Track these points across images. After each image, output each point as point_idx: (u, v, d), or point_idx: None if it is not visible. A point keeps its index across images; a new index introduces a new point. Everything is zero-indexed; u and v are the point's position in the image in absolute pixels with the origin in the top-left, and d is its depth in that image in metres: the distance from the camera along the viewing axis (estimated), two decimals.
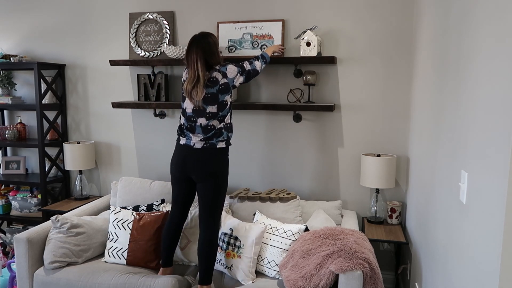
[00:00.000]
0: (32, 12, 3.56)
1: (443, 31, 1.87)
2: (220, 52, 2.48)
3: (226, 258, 2.48)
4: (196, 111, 2.36)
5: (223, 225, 2.60)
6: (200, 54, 2.33)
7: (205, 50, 2.35)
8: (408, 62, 2.84)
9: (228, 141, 2.42)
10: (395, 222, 2.84)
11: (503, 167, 1.07)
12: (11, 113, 3.79)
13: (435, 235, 1.88)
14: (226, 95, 2.37)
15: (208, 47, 2.36)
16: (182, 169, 2.39)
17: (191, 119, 2.37)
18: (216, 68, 2.39)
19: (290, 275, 2.17)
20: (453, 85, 1.65)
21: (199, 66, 2.32)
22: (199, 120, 2.35)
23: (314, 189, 3.10)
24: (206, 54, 2.35)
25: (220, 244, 2.54)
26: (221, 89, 2.35)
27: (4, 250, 3.52)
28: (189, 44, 2.39)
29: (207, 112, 2.34)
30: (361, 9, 2.86)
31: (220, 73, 2.37)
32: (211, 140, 2.35)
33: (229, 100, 2.40)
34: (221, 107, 2.36)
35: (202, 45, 2.35)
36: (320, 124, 3.03)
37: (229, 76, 2.39)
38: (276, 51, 2.82)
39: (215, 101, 2.34)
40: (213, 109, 2.34)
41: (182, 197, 2.47)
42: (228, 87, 2.38)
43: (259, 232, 2.46)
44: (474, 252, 1.30)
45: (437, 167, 1.90)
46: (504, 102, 1.08)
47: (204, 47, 2.35)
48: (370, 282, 2.06)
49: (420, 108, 2.42)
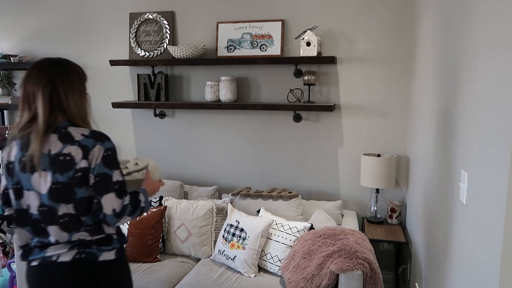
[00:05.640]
0: (32, 12, 3.56)
1: (443, 31, 1.87)
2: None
3: (230, 249, 2.49)
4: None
5: (229, 217, 2.62)
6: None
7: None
8: (408, 61, 2.84)
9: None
10: (395, 222, 2.84)
11: (503, 167, 1.07)
12: (11, 113, 3.79)
13: (435, 235, 1.88)
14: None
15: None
16: None
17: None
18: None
19: (292, 277, 2.18)
20: (453, 84, 1.65)
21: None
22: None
23: (314, 189, 3.10)
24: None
25: (225, 235, 2.56)
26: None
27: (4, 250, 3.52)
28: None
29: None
30: (361, 9, 2.86)
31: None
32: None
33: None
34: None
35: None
36: (320, 124, 3.03)
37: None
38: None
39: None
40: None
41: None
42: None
43: (266, 225, 2.48)
44: (474, 252, 1.30)
45: (437, 167, 1.90)
46: (504, 102, 1.08)
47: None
48: (370, 282, 2.06)
49: (420, 108, 2.42)
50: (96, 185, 1.39)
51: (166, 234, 2.75)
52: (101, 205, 1.40)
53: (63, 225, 1.41)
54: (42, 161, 1.38)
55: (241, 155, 3.21)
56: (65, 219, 1.40)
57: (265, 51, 3.00)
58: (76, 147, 1.38)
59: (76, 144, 1.39)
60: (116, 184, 1.42)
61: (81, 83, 1.51)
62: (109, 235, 1.48)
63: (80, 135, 1.41)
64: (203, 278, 2.36)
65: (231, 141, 3.22)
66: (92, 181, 1.39)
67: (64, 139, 1.39)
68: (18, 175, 1.42)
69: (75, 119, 1.46)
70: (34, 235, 1.45)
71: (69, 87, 1.45)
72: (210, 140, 3.26)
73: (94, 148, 1.40)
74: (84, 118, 1.49)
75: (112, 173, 1.41)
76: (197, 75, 3.22)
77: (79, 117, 1.47)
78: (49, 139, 1.39)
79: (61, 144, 1.38)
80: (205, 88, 3.07)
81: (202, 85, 3.21)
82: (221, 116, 3.21)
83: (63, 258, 1.41)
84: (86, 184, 1.40)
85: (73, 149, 1.38)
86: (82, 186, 1.40)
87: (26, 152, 1.39)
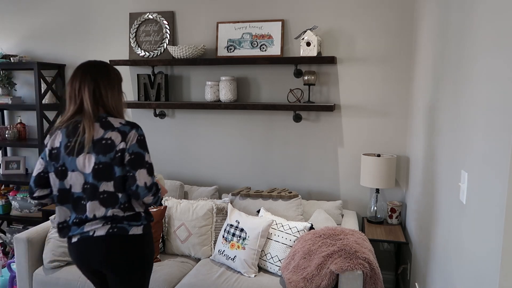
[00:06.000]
0: (32, 12, 3.56)
1: (443, 31, 1.87)
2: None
3: (230, 249, 2.49)
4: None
5: (229, 217, 2.62)
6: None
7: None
8: (408, 61, 2.84)
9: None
10: (395, 222, 2.84)
11: (503, 167, 1.06)
12: (11, 113, 3.79)
13: (435, 235, 1.88)
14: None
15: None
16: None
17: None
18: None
19: (292, 277, 2.18)
20: (453, 84, 1.65)
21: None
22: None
23: (314, 189, 3.10)
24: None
25: (225, 235, 2.56)
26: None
27: (4, 250, 3.52)
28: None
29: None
30: (361, 9, 2.86)
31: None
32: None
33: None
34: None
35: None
36: (320, 124, 3.03)
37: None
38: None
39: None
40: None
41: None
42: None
43: (266, 225, 2.48)
44: (474, 252, 1.30)
45: (437, 167, 1.90)
46: (504, 102, 1.08)
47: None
48: (370, 282, 2.06)
49: (420, 108, 2.42)
50: (131, 162, 1.64)
51: (166, 234, 2.75)
52: (135, 178, 1.63)
53: (102, 200, 1.64)
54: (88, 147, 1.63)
55: (241, 155, 3.21)
56: (104, 196, 1.64)
57: (265, 51, 3.00)
58: (116, 132, 1.64)
59: (115, 130, 1.64)
60: (147, 164, 1.67)
61: (118, 83, 1.76)
62: (138, 213, 1.71)
63: (118, 123, 1.67)
64: (203, 278, 2.36)
65: (231, 141, 3.22)
66: (128, 158, 1.63)
67: (105, 127, 1.65)
68: (63, 159, 1.66)
69: (113, 112, 1.71)
70: (73, 212, 1.68)
71: (109, 85, 1.70)
72: (210, 140, 3.26)
73: (130, 133, 1.65)
74: (120, 112, 1.74)
75: (144, 153, 1.67)
76: (197, 75, 3.22)
77: (116, 110, 1.71)
78: (93, 126, 1.64)
79: (103, 131, 1.64)
80: (205, 88, 3.07)
81: (202, 85, 3.21)
82: (221, 116, 3.21)
83: (99, 233, 1.64)
84: (123, 164, 1.64)
85: (113, 134, 1.63)
86: (121, 166, 1.64)
87: (71, 138, 1.65)
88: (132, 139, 1.65)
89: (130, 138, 1.65)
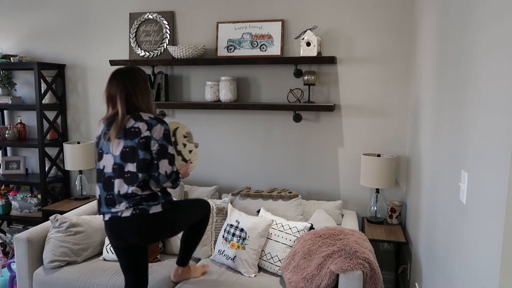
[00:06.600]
0: (32, 12, 3.56)
1: (443, 31, 1.87)
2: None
3: (230, 249, 2.49)
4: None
5: (229, 218, 2.62)
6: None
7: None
8: (408, 61, 2.84)
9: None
10: (395, 222, 2.84)
11: (503, 167, 1.06)
12: (11, 113, 3.79)
13: (435, 235, 1.88)
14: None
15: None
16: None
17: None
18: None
19: (292, 277, 2.18)
20: (453, 85, 1.65)
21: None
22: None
23: (314, 189, 3.10)
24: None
25: (225, 235, 2.56)
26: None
27: (4, 250, 3.52)
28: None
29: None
30: (361, 9, 2.86)
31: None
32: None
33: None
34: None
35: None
36: (320, 124, 3.03)
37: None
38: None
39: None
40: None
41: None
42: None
43: (266, 225, 2.48)
44: (474, 252, 1.30)
45: (437, 167, 1.90)
46: (504, 102, 1.08)
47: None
48: (370, 282, 2.06)
49: (420, 108, 2.42)
50: (157, 152, 1.96)
51: None
52: (158, 166, 1.96)
53: (126, 179, 1.96)
54: (118, 133, 1.97)
55: (241, 155, 3.21)
56: (128, 175, 1.95)
57: (265, 51, 3.00)
58: (143, 123, 1.97)
59: (143, 122, 1.97)
60: (169, 155, 1.99)
61: (146, 85, 2.06)
62: (155, 193, 2.00)
63: (147, 117, 2.00)
64: (203, 278, 2.36)
65: (231, 141, 3.22)
66: (156, 148, 1.95)
67: (135, 119, 1.99)
68: (102, 144, 2.03)
69: (144, 111, 2.03)
70: (104, 190, 1.99)
71: (138, 90, 2.02)
72: (210, 140, 3.26)
73: (156, 126, 1.97)
74: (150, 109, 2.06)
75: (168, 146, 1.99)
76: (197, 75, 3.22)
77: (147, 109, 2.04)
78: (126, 120, 1.98)
79: (133, 121, 1.98)
80: (205, 88, 3.07)
81: (202, 85, 3.21)
82: (221, 116, 3.21)
83: (125, 214, 1.96)
84: (146, 149, 1.95)
85: (141, 124, 1.96)
86: (143, 150, 1.95)
87: (109, 128, 2.00)
88: (158, 132, 1.96)
89: (156, 130, 1.96)
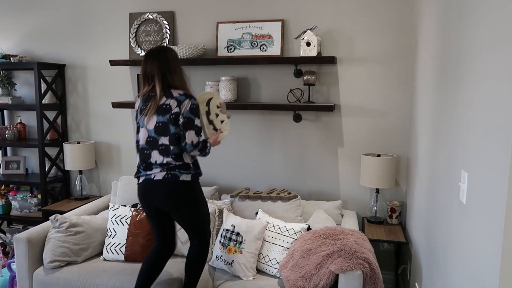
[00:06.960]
0: (32, 12, 3.56)
1: (443, 31, 1.87)
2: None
3: (227, 254, 2.49)
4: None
5: (225, 222, 2.61)
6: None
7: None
8: (408, 61, 2.83)
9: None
10: (395, 222, 2.84)
11: (503, 167, 1.06)
12: (11, 113, 3.79)
13: (435, 235, 1.88)
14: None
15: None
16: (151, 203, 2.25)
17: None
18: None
19: (290, 275, 2.17)
20: (453, 84, 1.65)
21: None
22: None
23: (314, 189, 3.10)
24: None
25: (222, 240, 2.55)
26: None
27: (4, 250, 3.52)
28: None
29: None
30: (361, 9, 2.86)
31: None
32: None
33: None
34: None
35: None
36: (320, 124, 3.03)
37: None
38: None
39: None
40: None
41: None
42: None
43: (261, 228, 2.48)
44: (474, 252, 1.30)
45: (437, 167, 1.90)
46: (504, 102, 1.08)
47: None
48: (370, 282, 2.06)
49: (420, 108, 2.42)
50: (184, 124, 2.14)
51: None
52: (185, 137, 2.14)
53: (160, 151, 2.16)
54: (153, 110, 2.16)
55: (241, 155, 3.21)
56: (162, 147, 2.15)
57: (265, 51, 3.00)
58: (173, 100, 2.15)
59: (174, 99, 2.15)
60: (196, 127, 2.16)
61: (177, 63, 2.23)
62: (187, 164, 2.18)
63: (177, 93, 2.17)
64: (201, 282, 2.37)
65: (231, 141, 3.21)
66: (182, 121, 2.14)
67: (167, 96, 2.16)
68: (139, 119, 2.24)
69: (178, 88, 2.20)
70: (140, 159, 2.21)
71: (172, 69, 2.19)
72: None
73: (184, 101, 2.14)
74: (184, 86, 2.22)
75: (194, 118, 2.16)
76: (197, 75, 3.22)
77: (181, 86, 2.20)
78: (160, 97, 2.16)
79: (165, 98, 2.16)
80: (205, 88, 3.06)
81: (202, 85, 3.21)
82: None
83: (157, 177, 2.15)
84: (176, 124, 2.14)
85: (171, 101, 2.15)
86: (174, 125, 2.14)
87: (146, 104, 2.19)
88: (186, 106, 2.14)
89: (184, 105, 2.14)
